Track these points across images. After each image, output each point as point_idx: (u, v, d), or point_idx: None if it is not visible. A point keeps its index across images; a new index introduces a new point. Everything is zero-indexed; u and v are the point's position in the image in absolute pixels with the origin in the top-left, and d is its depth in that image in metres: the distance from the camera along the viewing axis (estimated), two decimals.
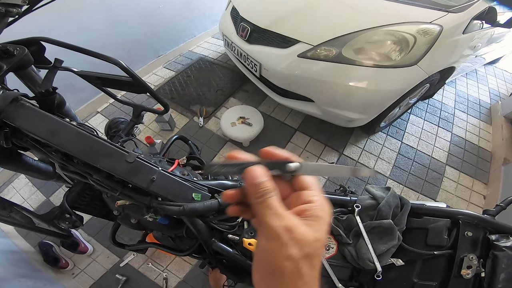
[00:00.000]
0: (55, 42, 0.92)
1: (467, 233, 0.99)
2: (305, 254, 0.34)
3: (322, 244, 0.37)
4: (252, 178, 0.37)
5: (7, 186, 2.57)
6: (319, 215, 0.37)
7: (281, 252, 0.34)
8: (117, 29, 2.95)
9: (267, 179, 0.38)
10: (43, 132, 0.77)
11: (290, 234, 0.34)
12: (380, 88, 2.08)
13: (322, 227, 0.37)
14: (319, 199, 0.39)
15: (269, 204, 0.36)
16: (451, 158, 2.90)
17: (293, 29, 2.25)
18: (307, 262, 0.34)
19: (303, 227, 0.35)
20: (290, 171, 0.39)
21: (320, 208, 0.38)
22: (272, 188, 0.37)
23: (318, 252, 0.36)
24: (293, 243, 0.34)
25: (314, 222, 0.36)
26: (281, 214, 0.36)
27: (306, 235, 0.35)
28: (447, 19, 1.99)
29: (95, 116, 3.14)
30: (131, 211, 0.96)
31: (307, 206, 0.38)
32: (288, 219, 0.35)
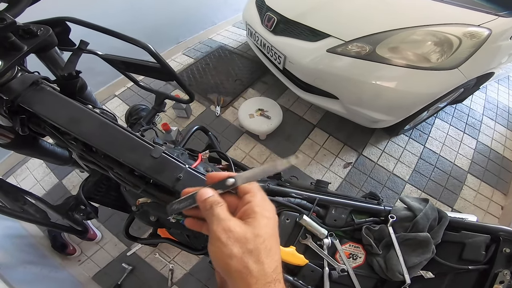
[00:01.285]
0: (82, 22, 0.86)
1: (505, 249, 0.98)
2: (247, 250, 0.37)
3: (264, 239, 0.39)
4: (200, 197, 0.43)
5: (20, 167, 2.58)
6: (255, 211, 0.41)
7: (224, 251, 0.37)
8: (138, 14, 2.92)
9: (212, 194, 0.43)
10: (63, 120, 0.71)
11: (228, 234, 0.38)
12: (413, 90, 1.98)
13: (261, 222, 0.40)
14: (256, 198, 0.44)
15: (213, 212, 0.41)
16: (473, 166, 2.79)
17: (323, 22, 2.16)
18: (253, 258, 0.37)
19: (242, 226, 0.39)
20: (230, 186, 0.45)
21: (256, 205, 0.42)
22: (218, 200, 0.42)
23: (263, 247, 0.39)
24: (232, 242, 0.37)
25: (252, 219, 0.40)
26: (222, 218, 0.40)
27: (245, 233, 0.38)
28: (496, 23, 1.88)
29: (113, 99, 3.12)
30: (151, 209, 0.91)
31: (246, 207, 0.42)
32: (227, 221, 0.39)
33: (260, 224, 0.40)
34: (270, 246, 0.40)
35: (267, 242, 0.40)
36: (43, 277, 1.84)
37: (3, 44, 0.67)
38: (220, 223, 0.39)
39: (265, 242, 0.39)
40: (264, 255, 0.38)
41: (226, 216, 0.40)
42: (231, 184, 0.45)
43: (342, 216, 1.03)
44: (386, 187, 2.56)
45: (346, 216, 1.03)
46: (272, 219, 0.43)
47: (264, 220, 0.41)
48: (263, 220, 0.41)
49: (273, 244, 0.41)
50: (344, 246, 1.03)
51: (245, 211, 0.42)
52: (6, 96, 0.70)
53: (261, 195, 0.45)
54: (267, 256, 0.39)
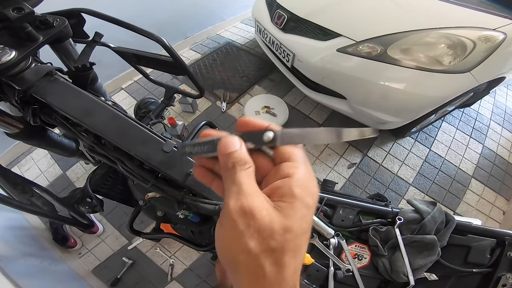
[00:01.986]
0: (98, 14, 0.86)
1: (510, 253, 1.01)
2: (268, 248, 0.27)
3: (295, 236, 0.28)
4: (224, 148, 0.31)
5: (25, 157, 2.59)
6: (294, 193, 0.29)
7: (235, 242, 0.27)
8: (147, 8, 2.93)
9: (240, 149, 0.31)
10: (76, 111, 0.70)
11: (249, 220, 0.27)
12: (422, 92, 1.97)
13: (298, 212, 0.29)
14: (299, 172, 0.31)
15: (234, 179, 0.30)
16: (478, 171, 2.78)
17: (334, 22, 2.16)
18: (271, 259, 0.27)
19: (270, 210, 0.28)
20: (268, 142, 0.32)
21: (297, 183, 0.30)
22: (245, 159, 0.31)
23: (290, 246, 0.28)
24: (251, 232, 0.27)
25: (287, 205, 0.29)
26: (244, 191, 0.28)
27: (272, 223, 0.27)
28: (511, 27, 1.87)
29: (119, 92, 3.14)
30: (159, 203, 0.90)
31: (281, 182, 0.30)
32: (250, 199, 0.28)
33: (297, 214, 0.29)
34: (299, 244, 0.30)
35: (298, 240, 0.29)
36: (43, 269, 1.85)
37: (19, 34, 0.67)
38: (240, 199, 0.28)
39: (296, 239, 0.29)
40: (289, 256, 0.28)
41: (251, 189, 0.29)
42: (269, 140, 0.31)
43: (349, 217, 1.04)
44: (389, 188, 2.55)
45: (353, 217, 1.04)
46: (312, 209, 0.31)
47: (303, 209, 0.29)
48: (302, 210, 0.29)
49: (303, 241, 0.30)
50: (350, 246, 1.05)
51: (279, 188, 0.30)
52: (18, 86, 0.70)
53: (306, 169, 0.32)
54: (292, 258, 0.28)
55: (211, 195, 0.77)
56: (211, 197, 0.77)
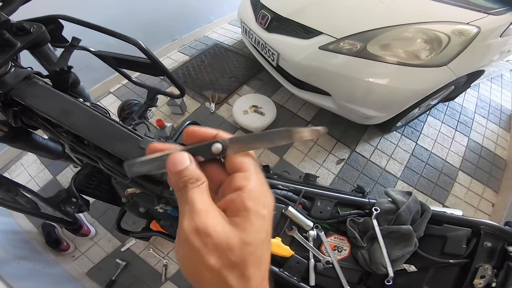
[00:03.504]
0: (74, 20, 0.88)
1: (486, 243, 0.98)
2: (228, 263, 0.27)
3: (255, 248, 0.29)
4: (173, 166, 0.31)
5: (15, 163, 2.58)
6: (247, 207, 0.29)
7: (196, 261, 0.27)
8: (134, 11, 2.92)
9: (189, 165, 0.31)
10: (54, 112, 0.73)
11: (204, 238, 0.27)
12: (403, 86, 2.00)
13: (254, 224, 0.29)
14: (251, 183, 0.31)
15: (187, 198, 0.29)
16: (465, 164, 2.82)
17: (316, 20, 2.18)
18: (236, 273, 0.27)
19: (225, 227, 0.28)
20: (217, 153, 0.32)
21: (249, 196, 0.30)
22: (196, 176, 0.30)
23: (252, 258, 0.28)
24: (208, 249, 0.27)
25: (242, 219, 0.29)
26: (197, 210, 0.28)
27: (227, 238, 0.27)
28: (486, 21, 1.91)
29: (107, 96, 3.13)
30: (141, 200, 0.93)
31: (235, 195, 0.30)
32: (205, 217, 0.28)
33: (253, 226, 0.29)
34: (260, 255, 0.30)
35: (258, 251, 0.29)
36: (37, 272, 1.84)
37: None
38: (193, 218, 0.27)
39: (256, 251, 0.29)
40: (253, 267, 0.28)
41: (204, 207, 0.29)
42: (218, 151, 0.32)
43: (327, 208, 1.05)
44: (378, 183, 2.58)
45: (331, 209, 1.05)
46: (268, 218, 0.31)
47: (258, 221, 0.29)
48: (257, 222, 0.29)
49: (264, 251, 0.30)
50: (330, 238, 1.04)
51: (233, 202, 0.30)
52: None
53: (258, 178, 0.32)
54: (256, 268, 0.29)
55: None
56: None
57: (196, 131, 0.35)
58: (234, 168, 0.33)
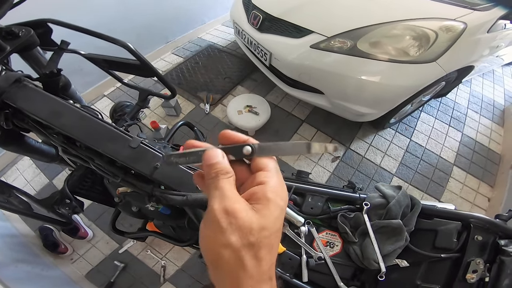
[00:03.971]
0: (62, 23, 0.89)
1: (477, 237, 0.97)
2: (247, 243, 0.31)
3: (269, 233, 0.33)
4: (208, 159, 0.35)
5: (10, 168, 2.58)
6: (268, 197, 0.34)
7: (219, 238, 0.31)
8: (127, 13, 2.92)
9: (222, 160, 0.36)
10: (44, 114, 0.74)
11: (230, 219, 0.31)
12: (394, 83, 2.02)
13: (272, 213, 0.33)
14: (272, 180, 0.36)
15: (217, 185, 0.34)
16: (459, 159, 2.84)
17: (306, 19, 2.20)
18: (251, 253, 0.31)
19: (249, 212, 0.32)
20: (246, 155, 0.37)
21: (270, 189, 0.35)
22: (226, 169, 0.35)
23: (265, 242, 0.32)
24: (233, 229, 0.31)
25: (263, 207, 0.33)
26: (226, 195, 0.33)
27: (250, 221, 0.31)
28: (472, 17, 1.93)
29: (102, 99, 3.13)
30: (133, 199, 0.94)
31: (257, 188, 0.35)
32: (232, 202, 0.32)
33: (272, 214, 0.33)
34: (273, 241, 0.34)
35: (272, 237, 0.34)
36: (35, 275, 1.85)
37: None
38: (223, 202, 0.32)
39: (271, 236, 0.33)
40: (265, 251, 0.32)
41: (232, 194, 0.33)
42: (248, 153, 0.37)
43: (318, 204, 1.05)
44: (374, 180, 2.59)
45: (322, 204, 1.06)
46: (284, 210, 0.36)
47: (276, 210, 0.34)
48: (276, 211, 0.34)
49: (277, 239, 0.35)
50: (321, 234, 1.05)
51: (255, 193, 0.35)
52: None
53: (278, 177, 0.37)
54: (268, 253, 0.33)
55: (179, 187, 0.81)
56: (179, 189, 0.81)
57: (231, 134, 0.40)
58: (258, 168, 0.37)
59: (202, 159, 0.36)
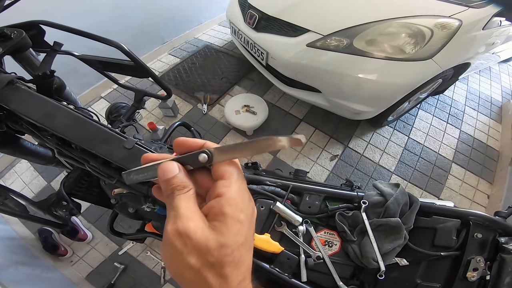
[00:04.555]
0: (54, 25, 0.89)
1: (477, 234, 0.96)
2: (207, 263, 0.30)
3: (232, 250, 0.31)
4: (163, 174, 0.33)
5: (8, 171, 2.58)
6: (224, 212, 0.31)
7: (178, 260, 0.30)
8: (123, 14, 2.92)
9: (178, 173, 0.34)
10: (38, 116, 0.74)
11: (185, 240, 0.29)
12: (391, 81, 2.02)
13: (231, 229, 0.31)
14: (230, 190, 0.33)
15: (172, 204, 0.32)
16: (458, 156, 2.84)
17: (302, 18, 2.20)
18: (213, 272, 0.30)
19: (205, 230, 0.30)
20: (204, 163, 0.34)
21: (228, 202, 0.32)
22: (183, 184, 0.33)
23: (228, 260, 0.31)
24: (189, 250, 0.29)
25: (219, 223, 0.31)
26: (180, 215, 0.31)
27: (206, 240, 0.30)
28: (467, 14, 1.93)
29: (99, 101, 3.12)
30: (129, 200, 0.93)
31: (214, 202, 0.33)
32: (187, 221, 0.30)
33: (230, 231, 0.31)
34: (238, 257, 0.32)
35: (236, 253, 0.31)
36: (35, 277, 1.84)
37: None
38: (175, 223, 0.30)
39: (233, 253, 0.31)
40: (230, 268, 0.31)
41: (187, 212, 0.31)
42: (205, 160, 0.34)
43: (316, 203, 1.04)
44: (372, 178, 2.60)
45: (320, 203, 1.04)
46: (247, 223, 0.34)
47: (235, 226, 0.32)
48: (234, 226, 0.32)
49: (242, 253, 0.33)
50: (319, 233, 1.04)
51: (213, 208, 0.32)
52: None
53: (237, 185, 0.34)
54: (233, 269, 0.31)
55: None
56: None
57: (184, 142, 0.37)
58: (218, 176, 0.35)
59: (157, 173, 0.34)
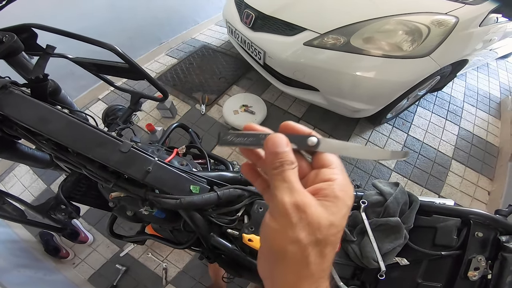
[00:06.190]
0: (45, 28, 0.88)
1: (477, 233, 0.95)
2: (315, 240, 0.30)
3: (337, 231, 0.32)
4: (273, 146, 0.33)
5: (8, 174, 2.58)
6: (337, 195, 0.32)
7: (287, 233, 0.30)
8: (118, 15, 2.91)
9: (288, 149, 0.34)
10: (31, 120, 0.73)
11: (301, 214, 0.30)
12: (389, 78, 2.02)
13: (341, 211, 0.32)
14: (340, 178, 0.34)
15: (285, 177, 0.32)
16: (457, 152, 2.84)
17: (299, 16, 2.19)
18: (317, 250, 0.30)
19: (318, 208, 0.31)
20: (311, 146, 0.35)
21: (339, 187, 0.33)
22: (292, 159, 0.33)
23: (332, 240, 0.31)
24: (302, 224, 0.29)
25: (331, 204, 0.32)
26: (295, 189, 0.31)
27: (319, 218, 0.30)
28: (463, 11, 1.92)
29: (96, 103, 3.11)
30: (127, 203, 0.93)
31: (325, 185, 0.33)
32: (303, 196, 0.31)
33: (340, 212, 0.32)
34: (338, 239, 0.33)
35: (339, 235, 0.33)
36: (38, 280, 1.85)
37: None
38: (293, 195, 0.30)
39: (337, 234, 0.32)
40: (330, 248, 0.31)
41: (300, 187, 0.32)
42: (312, 144, 0.35)
43: None
44: (372, 176, 2.60)
45: None
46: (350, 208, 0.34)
47: (344, 209, 0.32)
48: (343, 209, 0.32)
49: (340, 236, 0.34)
50: None
51: (323, 189, 0.33)
52: None
53: (344, 176, 0.35)
54: (331, 250, 0.32)
55: (173, 190, 0.80)
56: (173, 192, 0.80)
57: (293, 125, 0.38)
58: (323, 164, 0.36)
59: (263, 144, 0.34)
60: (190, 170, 0.88)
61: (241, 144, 0.36)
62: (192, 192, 0.83)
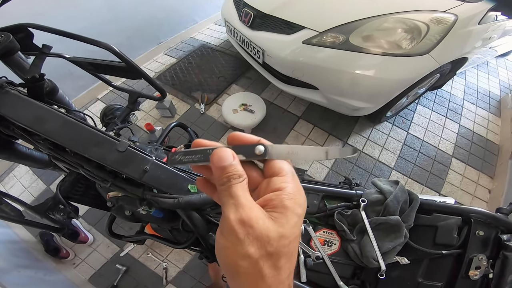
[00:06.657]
0: (41, 27, 0.88)
1: (478, 232, 0.94)
2: (266, 253, 0.30)
3: (288, 242, 0.31)
4: (219, 161, 0.33)
5: (8, 175, 2.57)
6: (286, 205, 0.32)
7: (237, 249, 0.29)
8: (117, 15, 2.90)
9: (235, 162, 0.33)
10: (27, 120, 0.73)
11: (248, 229, 0.29)
12: (388, 76, 2.01)
13: (290, 221, 0.32)
14: (289, 186, 0.34)
15: (231, 192, 0.32)
16: (457, 150, 2.84)
17: (298, 15, 2.18)
18: (270, 263, 0.30)
19: (266, 221, 0.30)
20: (259, 155, 0.35)
21: (287, 196, 0.33)
22: (239, 173, 0.33)
23: (284, 251, 0.31)
24: (250, 240, 0.29)
25: (280, 215, 0.31)
26: (242, 204, 0.31)
27: (268, 231, 0.30)
28: (462, 8, 1.92)
29: (95, 103, 3.10)
30: (125, 203, 0.92)
31: (274, 195, 0.33)
32: (249, 211, 0.30)
33: (289, 222, 0.31)
34: (292, 249, 0.33)
35: (291, 245, 0.32)
36: (38, 280, 1.85)
37: None
38: (238, 211, 0.30)
39: (290, 245, 0.32)
40: (284, 259, 0.31)
41: (247, 201, 0.31)
42: (260, 153, 0.35)
43: (314, 202, 1.02)
44: (372, 174, 2.59)
45: (318, 202, 1.02)
46: (301, 217, 0.34)
47: (294, 218, 0.32)
48: (293, 219, 0.32)
49: (295, 247, 0.34)
50: (318, 232, 1.03)
51: (272, 200, 0.33)
52: None
53: (295, 182, 0.35)
54: (287, 261, 0.32)
55: (170, 190, 0.79)
56: (171, 191, 0.79)
57: (240, 136, 0.37)
58: (273, 172, 0.35)
59: (210, 159, 0.34)
60: (188, 169, 0.87)
61: (190, 161, 0.36)
62: (190, 191, 0.82)
